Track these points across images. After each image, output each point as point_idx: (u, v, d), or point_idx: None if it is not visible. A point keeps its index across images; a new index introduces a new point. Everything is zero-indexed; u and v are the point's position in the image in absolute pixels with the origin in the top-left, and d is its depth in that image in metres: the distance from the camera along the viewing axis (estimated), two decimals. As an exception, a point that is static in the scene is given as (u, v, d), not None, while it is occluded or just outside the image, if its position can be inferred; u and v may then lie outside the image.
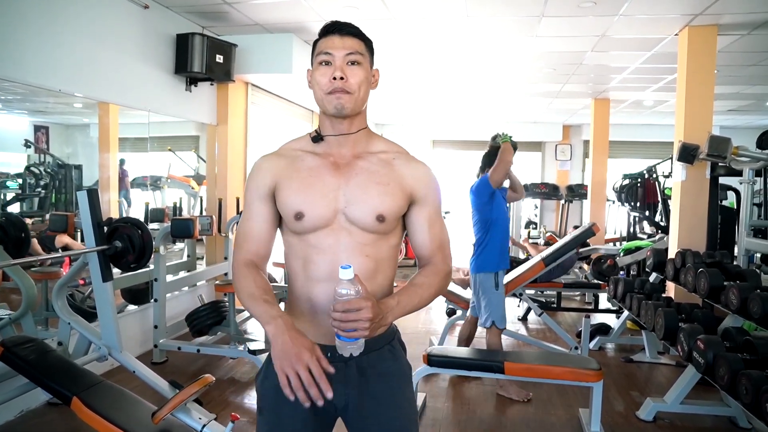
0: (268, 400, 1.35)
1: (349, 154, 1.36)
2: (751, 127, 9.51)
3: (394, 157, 1.38)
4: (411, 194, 1.36)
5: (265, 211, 1.36)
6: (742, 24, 4.31)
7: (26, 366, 2.48)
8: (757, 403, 2.32)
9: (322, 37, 1.35)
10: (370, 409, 1.34)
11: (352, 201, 1.30)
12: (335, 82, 1.28)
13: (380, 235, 1.33)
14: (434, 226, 1.39)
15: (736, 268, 3.47)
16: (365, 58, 1.33)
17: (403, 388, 1.40)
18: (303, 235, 1.32)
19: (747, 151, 4.00)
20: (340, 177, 1.32)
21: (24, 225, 3.25)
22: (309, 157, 1.36)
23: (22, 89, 3.51)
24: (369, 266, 1.31)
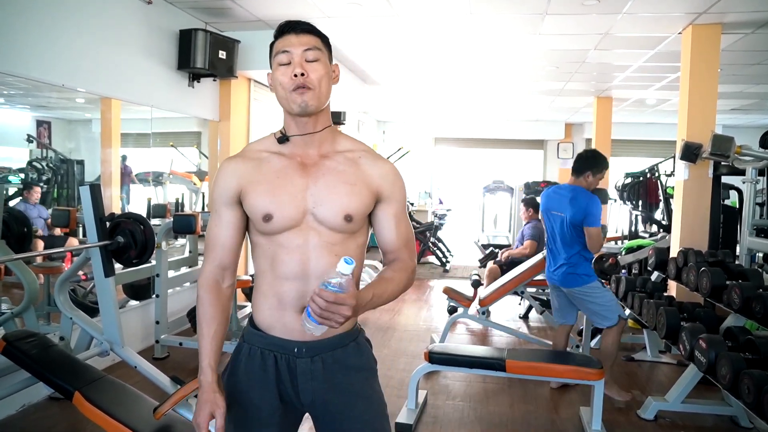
0: (234, 395, 1.36)
1: (315, 153, 1.36)
2: (755, 126, 9.49)
3: (360, 156, 1.38)
4: (378, 193, 1.37)
5: (233, 217, 1.35)
6: (746, 23, 4.30)
7: (28, 360, 2.49)
8: (759, 402, 2.31)
9: (277, 37, 1.34)
10: (338, 403, 1.35)
11: (320, 201, 1.31)
12: (296, 79, 1.28)
13: (348, 235, 1.34)
14: (400, 224, 1.41)
15: (739, 268, 3.46)
16: (323, 54, 1.33)
17: (371, 381, 1.42)
18: (271, 236, 1.32)
19: (750, 150, 3.99)
20: (308, 177, 1.32)
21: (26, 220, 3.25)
22: (275, 159, 1.35)
23: (24, 84, 3.51)
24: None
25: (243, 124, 5.50)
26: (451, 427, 3.14)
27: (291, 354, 1.33)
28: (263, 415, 1.34)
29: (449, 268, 8.41)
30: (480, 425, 3.17)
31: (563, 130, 10.28)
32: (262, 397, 1.34)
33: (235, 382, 1.36)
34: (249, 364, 1.36)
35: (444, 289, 4.87)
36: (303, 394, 1.34)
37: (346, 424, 1.35)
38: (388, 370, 3.94)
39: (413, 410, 3.16)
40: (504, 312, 5.77)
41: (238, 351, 1.40)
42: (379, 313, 5.60)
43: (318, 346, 1.33)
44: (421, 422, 3.16)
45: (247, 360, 1.36)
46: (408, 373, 3.48)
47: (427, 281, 7.67)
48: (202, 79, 4.76)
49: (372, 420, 1.38)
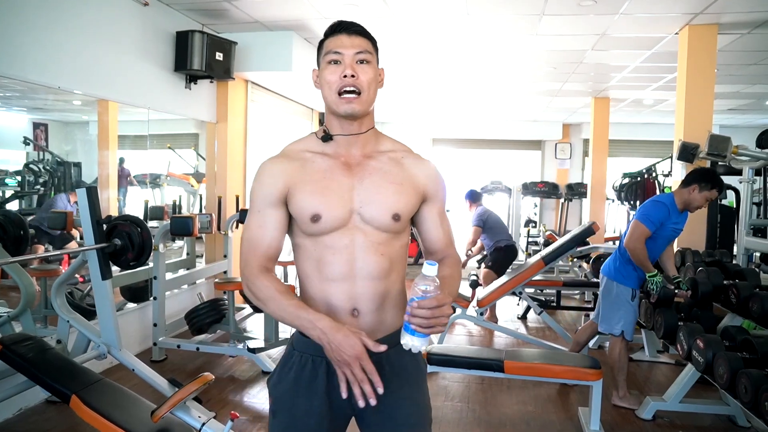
0: (282, 402, 1.36)
1: (359, 153, 1.36)
2: (751, 126, 9.51)
3: (403, 156, 1.39)
4: (423, 192, 1.38)
5: (278, 217, 1.33)
6: (742, 23, 4.31)
7: (25, 364, 2.48)
8: (756, 402, 2.32)
9: (328, 36, 1.35)
10: (387, 404, 1.32)
11: (366, 201, 1.31)
12: (346, 79, 1.28)
13: (393, 234, 1.34)
14: (444, 222, 1.43)
15: (736, 267, 3.47)
16: (373, 57, 1.34)
17: (420, 385, 1.42)
18: (317, 237, 1.31)
19: (747, 150, 4.01)
20: (353, 177, 1.32)
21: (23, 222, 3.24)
22: (319, 158, 1.35)
23: (21, 86, 3.51)
24: (385, 265, 1.32)
25: (240, 125, 5.50)
26: (450, 428, 3.13)
27: None
28: (311, 423, 1.33)
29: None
30: (479, 426, 3.16)
31: (561, 130, 10.28)
32: (310, 404, 1.33)
33: (284, 390, 1.36)
34: (300, 372, 1.35)
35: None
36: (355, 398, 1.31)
37: (389, 426, 1.35)
38: (386, 372, 3.94)
39: (412, 411, 3.15)
40: (502, 313, 5.77)
41: (288, 358, 1.38)
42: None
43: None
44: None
45: (297, 368, 1.35)
46: (406, 375, 3.47)
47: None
48: (199, 81, 4.75)
49: (416, 424, 1.38)
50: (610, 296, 3.45)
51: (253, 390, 3.58)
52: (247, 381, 3.73)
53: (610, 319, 3.44)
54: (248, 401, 3.42)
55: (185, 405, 2.43)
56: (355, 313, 1.31)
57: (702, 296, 3.22)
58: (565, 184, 10.16)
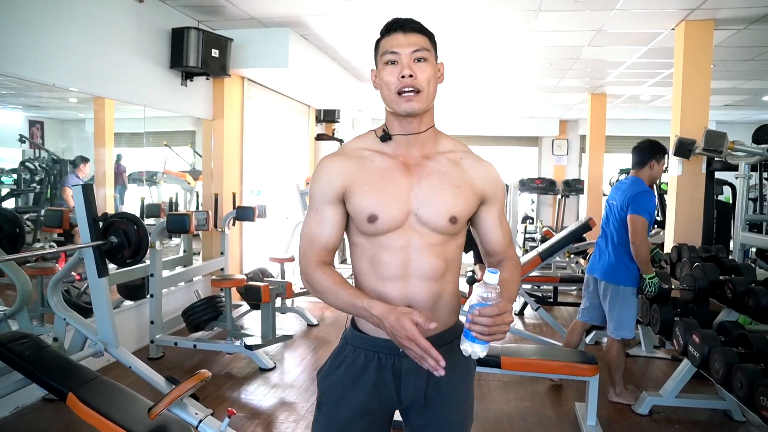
0: (329, 395, 1.38)
1: (418, 154, 1.35)
2: (748, 122, 9.53)
3: (462, 157, 1.39)
4: (482, 195, 1.38)
5: (336, 215, 1.34)
6: (738, 19, 4.31)
7: (21, 362, 2.47)
8: (751, 396, 2.32)
9: (384, 35, 1.33)
10: (434, 401, 1.35)
11: (424, 203, 1.30)
12: (404, 80, 1.27)
13: (449, 236, 1.33)
14: (503, 223, 1.43)
15: (732, 263, 3.48)
16: (431, 54, 1.32)
17: (468, 382, 1.45)
18: (373, 237, 1.31)
19: (743, 146, 4.01)
20: (412, 178, 1.32)
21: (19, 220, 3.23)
22: (378, 158, 1.34)
23: (16, 84, 3.49)
24: (440, 266, 1.32)
25: (237, 122, 5.49)
26: (447, 424, 3.14)
27: (396, 354, 1.32)
28: (356, 417, 1.35)
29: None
30: (476, 422, 3.15)
31: (558, 126, 10.29)
32: (357, 399, 1.34)
33: (333, 382, 1.37)
34: (350, 366, 1.36)
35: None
36: (404, 393, 1.34)
37: (435, 423, 1.37)
38: (383, 368, 3.94)
39: (409, 408, 3.15)
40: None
41: (341, 351, 1.40)
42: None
43: None
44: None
45: (349, 361, 1.36)
46: (403, 371, 3.48)
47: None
48: (195, 78, 4.73)
49: (460, 422, 1.40)
50: (618, 301, 3.31)
51: (250, 387, 3.58)
52: (244, 378, 3.73)
53: (629, 324, 3.31)
54: (245, 398, 3.42)
55: (182, 402, 2.43)
56: None
57: (698, 292, 3.23)
58: (562, 181, 10.18)
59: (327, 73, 5.91)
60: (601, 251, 3.45)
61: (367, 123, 10.38)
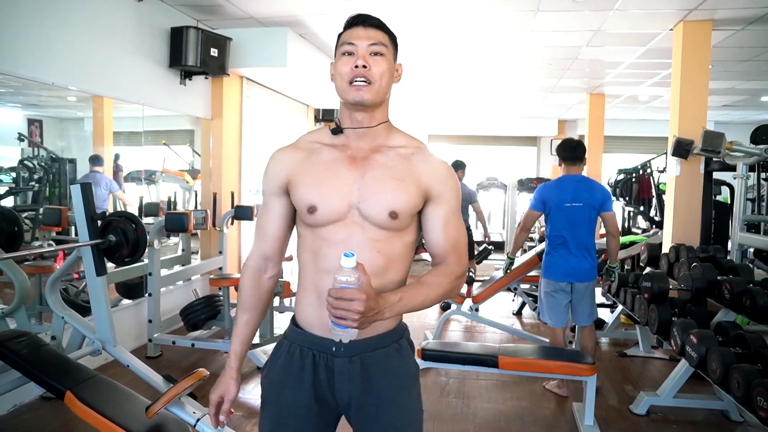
0: (270, 393, 1.37)
1: (367, 147, 1.33)
2: (746, 123, 9.54)
3: (413, 152, 1.34)
4: (427, 191, 1.32)
5: (280, 206, 1.37)
6: (736, 19, 4.32)
7: (19, 360, 2.47)
8: (748, 396, 2.33)
9: (345, 29, 1.34)
10: (372, 406, 1.31)
11: (366, 196, 1.27)
12: (357, 70, 1.26)
13: (393, 232, 1.30)
14: (449, 225, 1.34)
15: (730, 263, 3.49)
16: (389, 51, 1.32)
17: (409, 388, 1.38)
18: (315, 228, 1.30)
19: (741, 146, 4.01)
20: (356, 171, 1.30)
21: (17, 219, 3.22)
22: (326, 150, 1.34)
23: (15, 82, 3.49)
24: (379, 262, 1.28)
25: (236, 121, 5.48)
26: (445, 423, 3.14)
27: (329, 353, 1.30)
28: (298, 414, 1.33)
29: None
30: (473, 421, 3.18)
31: (556, 126, 10.30)
32: (297, 396, 1.32)
33: (272, 380, 1.37)
34: (288, 361, 1.34)
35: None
36: (339, 394, 1.31)
37: (376, 427, 1.33)
38: (381, 368, 3.95)
39: (407, 407, 3.15)
40: (497, 308, 5.79)
41: (278, 348, 1.39)
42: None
43: (357, 346, 1.28)
44: (414, 419, 3.16)
45: (286, 357, 1.35)
46: (401, 370, 3.48)
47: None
48: (194, 77, 4.73)
49: (402, 427, 1.34)
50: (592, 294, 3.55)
51: (248, 386, 3.58)
52: (241, 377, 3.72)
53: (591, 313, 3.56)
54: (243, 397, 3.42)
55: (180, 401, 2.43)
56: None
57: (696, 292, 3.23)
58: (560, 181, 10.17)
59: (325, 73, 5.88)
60: (575, 256, 3.41)
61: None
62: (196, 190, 5.71)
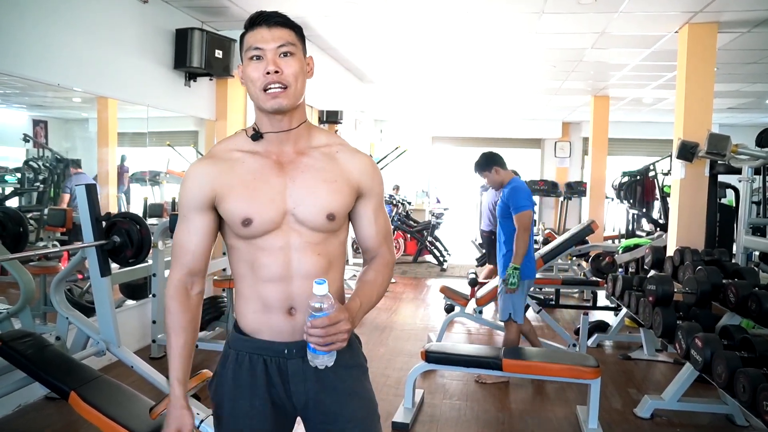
0: (223, 406, 1.33)
1: (291, 150, 1.30)
2: (751, 125, 9.51)
3: (338, 150, 1.33)
4: (358, 188, 1.33)
5: (204, 222, 1.29)
6: (742, 21, 4.30)
7: (24, 360, 2.48)
8: (754, 401, 2.32)
9: (248, 29, 1.28)
10: (330, 403, 1.31)
11: (300, 201, 1.26)
12: (269, 76, 1.22)
13: (330, 233, 1.30)
14: (379, 218, 1.37)
15: (735, 266, 3.47)
16: (297, 48, 1.27)
17: (362, 379, 1.39)
18: (250, 239, 1.26)
19: (746, 149, 3.99)
20: (285, 176, 1.27)
21: (22, 219, 3.24)
22: (249, 158, 1.29)
23: (20, 83, 3.50)
24: (322, 264, 1.28)
25: (240, 123, 5.49)
26: (448, 426, 3.14)
27: (281, 356, 1.29)
28: (255, 423, 1.30)
29: (446, 267, 8.41)
30: (477, 424, 3.17)
31: (560, 128, 10.29)
32: (252, 405, 1.30)
33: (224, 392, 1.32)
34: (237, 370, 1.31)
35: (441, 288, 4.87)
36: (296, 397, 1.30)
37: (339, 425, 1.32)
38: (385, 369, 3.95)
39: (410, 409, 3.16)
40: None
41: (225, 358, 1.35)
42: (376, 313, 5.59)
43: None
44: (417, 421, 3.16)
45: (234, 367, 1.31)
46: (405, 372, 3.48)
47: (425, 280, 7.67)
48: (198, 78, 4.74)
49: (364, 417, 1.35)
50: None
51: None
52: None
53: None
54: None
55: (184, 402, 2.43)
56: (293, 312, 1.27)
57: (701, 295, 3.22)
58: (564, 183, 10.17)
59: (330, 74, 5.92)
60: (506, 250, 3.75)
61: (370, 124, 10.39)
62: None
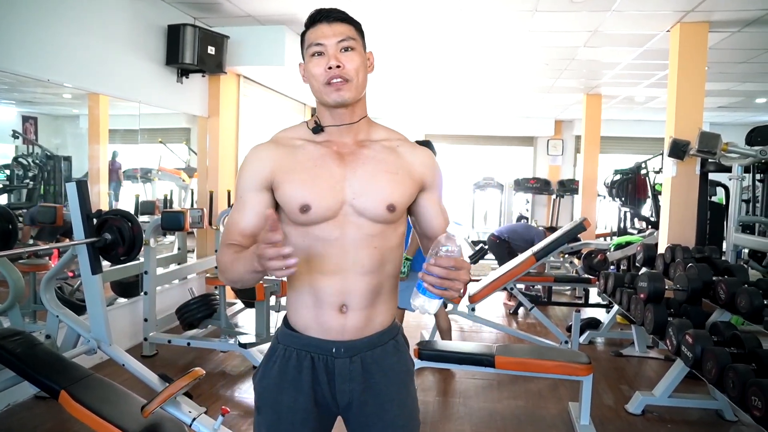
0: (266, 398, 1.32)
1: (351, 142, 1.31)
2: (741, 124, 9.57)
3: (398, 145, 1.34)
4: (421, 181, 1.33)
5: (259, 203, 1.27)
6: (733, 21, 4.33)
7: (13, 359, 2.46)
8: (743, 396, 2.34)
9: (309, 27, 1.29)
10: (373, 405, 1.30)
11: (360, 192, 1.25)
12: (331, 71, 1.23)
13: (388, 225, 1.28)
14: (444, 211, 1.39)
15: (725, 264, 3.50)
16: (358, 43, 1.28)
17: (407, 385, 1.38)
18: (306, 227, 1.25)
19: (736, 148, 4.03)
20: (346, 167, 1.27)
21: (11, 216, 3.21)
22: (310, 146, 1.29)
23: (9, 79, 3.46)
24: (377, 258, 1.27)
25: (232, 120, 5.47)
26: (441, 422, 3.15)
27: (329, 354, 1.28)
28: (296, 419, 1.29)
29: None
30: (470, 421, 3.18)
31: (553, 126, 10.31)
32: (296, 400, 1.29)
33: (268, 384, 1.32)
34: (284, 366, 1.31)
35: (434, 286, 4.88)
36: (340, 396, 1.30)
37: (378, 428, 1.31)
38: (378, 367, 3.95)
39: (403, 406, 3.16)
40: (494, 308, 5.79)
41: (272, 352, 1.35)
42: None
43: (357, 346, 1.29)
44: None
45: (281, 362, 1.31)
46: (398, 370, 3.48)
47: (418, 278, 7.67)
48: (190, 75, 4.71)
49: (404, 425, 1.34)
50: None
51: (244, 385, 3.58)
52: (238, 376, 3.72)
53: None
54: (239, 396, 3.42)
55: (176, 400, 2.42)
56: (344, 309, 1.27)
57: (692, 292, 3.24)
58: (556, 181, 10.20)
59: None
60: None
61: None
62: (193, 188, 5.69)
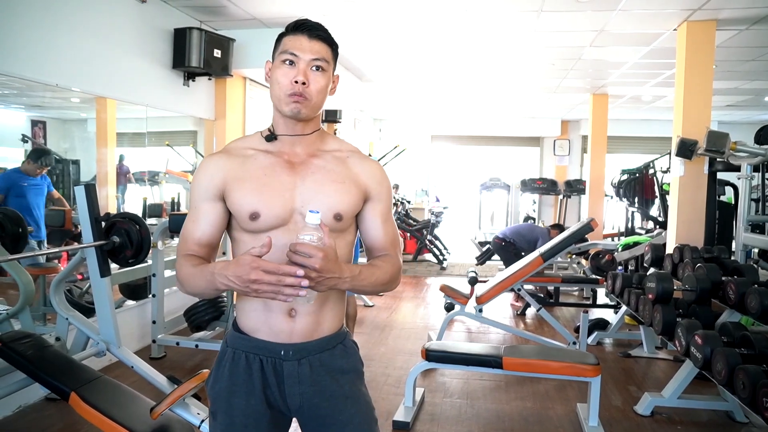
0: (219, 403, 1.32)
1: (303, 152, 1.34)
2: (750, 123, 9.52)
3: (348, 156, 1.37)
4: (366, 191, 1.35)
5: (214, 213, 1.30)
6: (740, 19, 4.30)
7: (24, 361, 2.48)
8: (754, 397, 2.32)
9: (288, 32, 1.31)
10: (327, 408, 1.32)
11: (308, 200, 1.27)
12: (296, 86, 1.26)
13: (337, 234, 1.30)
14: (387, 223, 1.39)
15: (734, 264, 3.47)
16: (329, 65, 1.31)
17: (358, 384, 1.39)
18: (256, 234, 1.27)
19: (745, 147, 4.00)
20: (296, 175, 1.30)
21: (21, 220, 3.24)
22: (261, 156, 1.32)
23: (18, 84, 3.49)
24: None
25: (239, 122, 5.49)
26: (449, 424, 3.14)
27: (277, 357, 1.29)
28: (249, 422, 1.30)
29: (446, 266, 8.41)
30: (477, 422, 3.17)
31: (559, 127, 10.29)
32: (248, 403, 1.30)
33: (220, 389, 1.32)
34: (234, 369, 1.31)
35: (441, 287, 4.87)
36: (290, 399, 1.31)
37: (335, 429, 1.32)
38: (385, 368, 3.95)
39: (411, 408, 3.16)
40: (501, 309, 5.78)
41: (222, 356, 1.35)
42: (377, 311, 5.60)
43: (305, 349, 1.30)
44: (418, 420, 3.16)
45: (231, 365, 1.32)
46: (405, 371, 3.49)
47: (424, 279, 7.68)
48: (197, 78, 4.74)
49: (361, 422, 1.35)
50: None
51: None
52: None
53: None
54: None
55: (184, 402, 2.43)
56: (293, 314, 1.29)
57: (700, 293, 3.22)
58: (563, 181, 10.17)
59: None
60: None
61: (369, 123, 10.39)
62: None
